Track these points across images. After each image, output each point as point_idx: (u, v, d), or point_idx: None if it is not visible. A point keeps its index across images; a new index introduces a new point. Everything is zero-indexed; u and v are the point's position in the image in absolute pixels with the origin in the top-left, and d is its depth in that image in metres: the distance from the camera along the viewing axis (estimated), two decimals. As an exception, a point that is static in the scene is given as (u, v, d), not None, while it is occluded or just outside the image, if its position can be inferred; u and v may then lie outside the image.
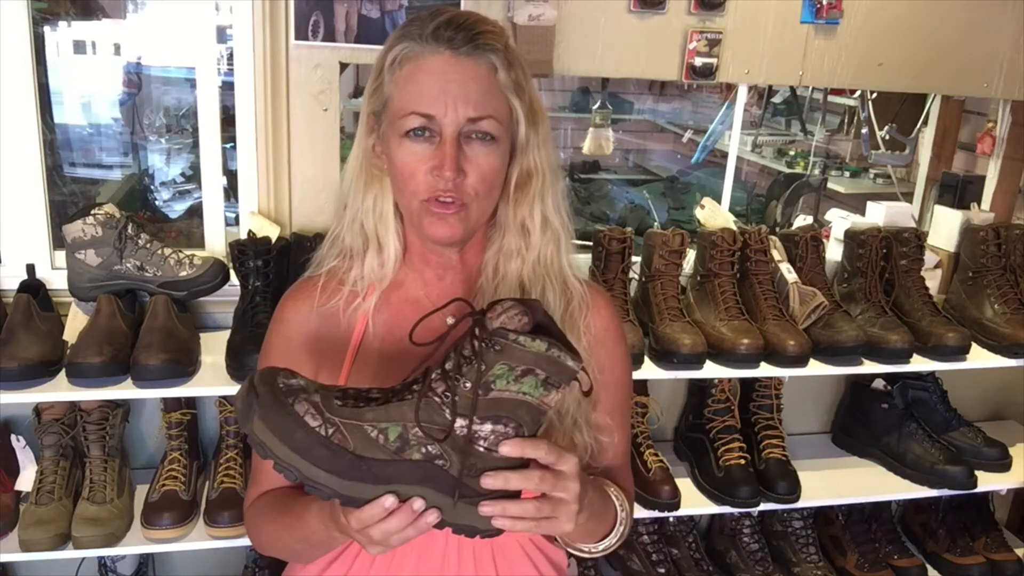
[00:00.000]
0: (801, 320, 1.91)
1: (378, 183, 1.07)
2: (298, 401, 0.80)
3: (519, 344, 0.80)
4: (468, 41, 0.97)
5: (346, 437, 0.80)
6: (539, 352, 0.81)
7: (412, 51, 0.98)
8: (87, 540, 1.66)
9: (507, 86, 1.00)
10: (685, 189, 4.39)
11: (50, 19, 2.49)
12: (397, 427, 0.81)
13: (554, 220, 1.09)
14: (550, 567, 1.17)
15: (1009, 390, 2.48)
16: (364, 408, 0.82)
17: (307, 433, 0.79)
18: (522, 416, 0.83)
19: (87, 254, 1.74)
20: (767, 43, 1.99)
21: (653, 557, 2.12)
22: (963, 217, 2.21)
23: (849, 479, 2.15)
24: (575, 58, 1.92)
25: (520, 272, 1.08)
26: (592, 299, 1.14)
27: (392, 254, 1.09)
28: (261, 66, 1.80)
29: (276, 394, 0.80)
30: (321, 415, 0.80)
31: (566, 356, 0.82)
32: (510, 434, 0.83)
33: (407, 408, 0.82)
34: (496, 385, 0.81)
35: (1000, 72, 2.15)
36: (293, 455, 0.79)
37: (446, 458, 0.82)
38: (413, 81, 0.98)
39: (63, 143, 2.98)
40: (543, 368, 0.82)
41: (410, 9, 1.79)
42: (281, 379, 0.82)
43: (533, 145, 1.05)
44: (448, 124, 0.97)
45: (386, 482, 0.81)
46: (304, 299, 1.12)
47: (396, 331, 1.09)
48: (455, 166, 0.97)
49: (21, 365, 1.58)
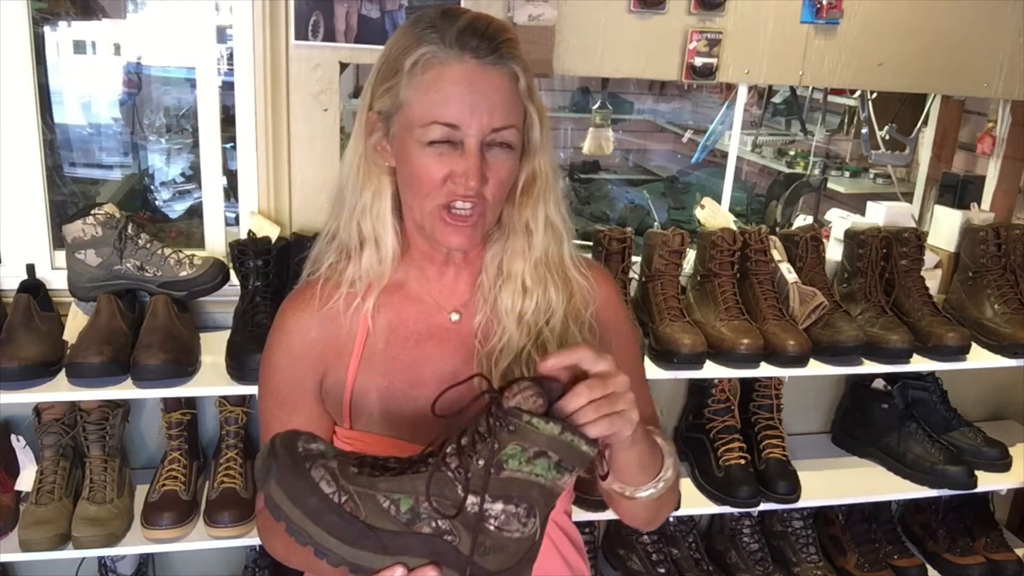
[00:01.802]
0: (801, 320, 1.91)
1: (376, 181, 1.06)
2: (315, 467, 0.81)
3: (532, 426, 0.81)
4: (493, 51, 0.96)
5: (358, 506, 0.80)
6: (552, 435, 0.82)
7: (436, 57, 0.97)
8: (87, 540, 1.66)
9: (524, 93, 1.00)
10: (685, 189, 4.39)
11: (50, 19, 2.49)
12: (409, 499, 0.81)
13: (556, 219, 1.09)
14: (570, 546, 1.18)
15: (1009, 390, 2.48)
16: (379, 478, 0.82)
17: (320, 499, 0.80)
18: (534, 497, 0.83)
19: (87, 254, 1.74)
20: (767, 43, 1.99)
21: (653, 557, 2.12)
22: (963, 217, 2.21)
23: (849, 479, 2.15)
24: (575, 58, 1.92)
25: (523, 272, 1.08)
26: (595, 278, 1.14)
27: (390, 251, 1.08)
28: (261, 66, 1.80)
29: (294, 457, 0.81)
30: (336, 482, 0.81)
31: (580, 441, 0.83)
32: (520, 514, 0.83)
33: (420, 481, 0.82)
34: (508, 465, 0.82)
35: (1000, 72, 2.15)
36: (306, 519, 0.80)
37: (455, 534, 0.82)
38: (436, 89, 0.96)
39: (63, 143, 2.98)
40: (556, 451, 0.82)
41: (410, 9, 1.79)
42: (301, 443, 0.83)
43: (541, 148, 1.06)
44: (472, 134, 0.97)
45: (395, 553, 0.81)
46: (304, 306, 1.11)
47: (400, 330, 1.09)
48: (479, 176, 0.97)
49: (21, 365, 1.58)
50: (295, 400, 1.10)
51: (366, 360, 1.08)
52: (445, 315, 1.10)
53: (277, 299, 1.77)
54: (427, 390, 1.06)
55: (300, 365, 1.10)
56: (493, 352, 1.06)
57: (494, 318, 1.08)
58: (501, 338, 1.07)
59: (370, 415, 1.06)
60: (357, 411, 1.07)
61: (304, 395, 1.10)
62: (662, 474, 1.01)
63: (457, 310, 1.10)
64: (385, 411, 1.06)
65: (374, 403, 1.06)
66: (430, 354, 1.08)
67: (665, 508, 1.10)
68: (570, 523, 1.21)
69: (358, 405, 1.07)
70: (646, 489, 1.00)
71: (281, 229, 1.87)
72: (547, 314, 1.08)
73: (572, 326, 1.09)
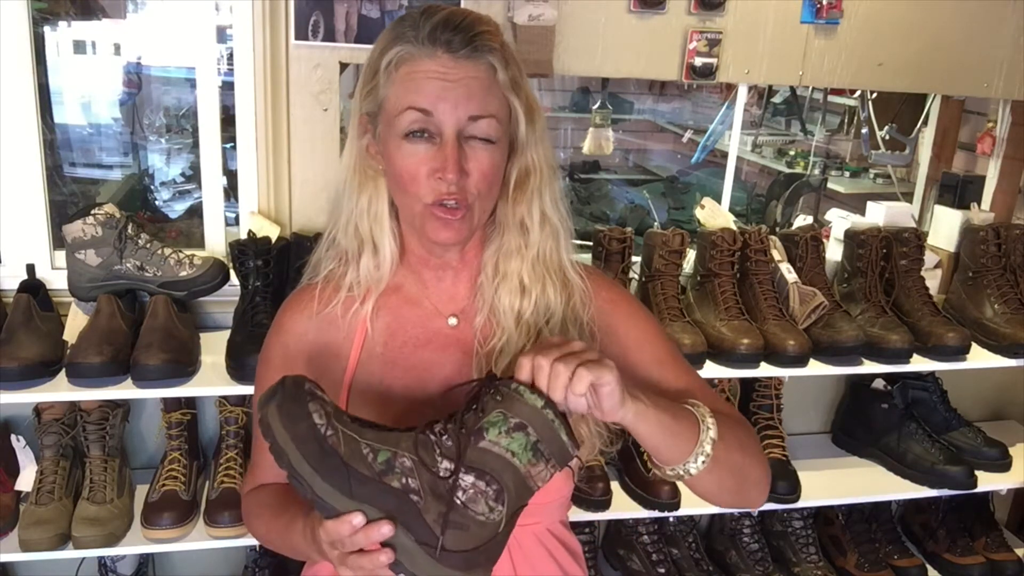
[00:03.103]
0: (801, 320, 1.91)
1: (372, 184, 1.06)
2: (314, 401, 0.85)
3: (518, 393, 0.84)
4: (466, 44, 0.96)
5: (340, 442, 0.84)
6: (535, 407, 0.84)
7: (408, 53, 0.96)
8: (87, 540, 1.66)
9: (505, 85, 0.99)
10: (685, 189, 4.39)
11: (50, 19, 2.49)
12: (388, 452, 0.85)
13: (552, 216, 1.08)
14: (567, 554, 1.17)
15: (1009, 390, 2.48)
16: (367, 429, 0.86)
17: (309, 427, 0.83)
18: (506, 480, 0.84)
19: (87, 254, 1.74)
20: (767, 43, 1.99)
21: (653, 557, 2.12)
22: (963, 217, 2.21)
23: (849, 479, 2.15)
24: (575, 58, 1.92)
25: (520, 270, 1.07)
26: (591, 282, 1.12)
27: (388, 255, 1.08)
28: (261, 66, 1.80)
29: (299, 390, 0.85)
30: (327, 419, 0.84)
31: (560, 426, 0.84)
32: (490, 495, 0.84)
33: (404, 440, 0.86)
34: (488, 434, 0.84)
35: (1000, 72, 2.15)
36: (290, 442, 0.83)
37: (422, 497, 0.84)
38: (408, 80, 0.96)
39: (63, 143, 2.98)
40: (536, 428, 0.84)
41: (410, 9, 1.79)
42: (309, 384, 0.87)
43: (531, 142, 1.04)
44: (448, 124, 0.96)
45: (360, 500, 0.83)
46: (302, 308, 1.11)
47: (398, 334, 1.09)
48: (457, 168, 0.96)
49: (21, 365, 1.58)
50: None
51: (363, 363, 1.08)
52: (443, 320, 1.10)
53: (277, 299, 1.77)
54: (424, 394, 1.07)
55: (296, 365, 1.10)
56: (492, 352, 1.06)
57: (493, 319, 1.08)
58: (500, 338, 1.06)
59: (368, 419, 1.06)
60: (354, 414, 1.07)
61: None
62: (702, 436, 0.95)
63: (455, 315, 1.10)
64: (382, 416, 1.05)
65: (372, 407, 1.06)
66: (427, 358, 1.08)
67: (741, 472, 1.02)
68: (566, 531, 1.20)
69: (354, 408, 1.07)
70: (691, 462, 0.95)
71: (281, 229, 1.87)
72: (546, 314, 1.08)
73: (571, 327, 1.08)
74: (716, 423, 0.97)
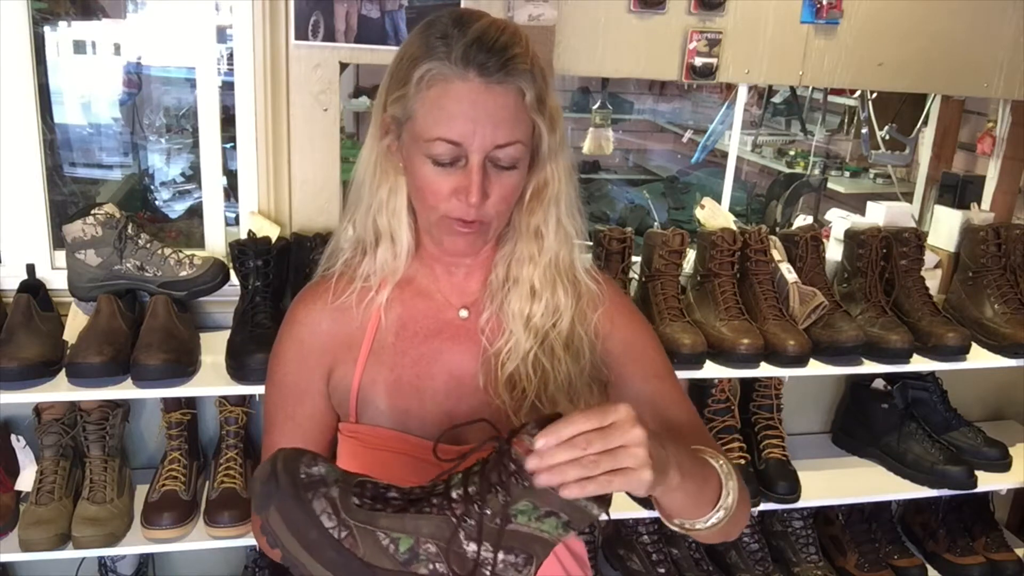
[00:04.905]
0: (801, 320, 1.91)
1: (392, 178, 1.07)
2: (317, 497, 0.80)
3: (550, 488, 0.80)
4: (500, 68, 0.95)
5: (357, 542, 0.79)
6: (567, 499, 0.80)
7: (441, 74, 0.95)
8: (87, 540, 1.66)
9: (532, 107, 0.99)
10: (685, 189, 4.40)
11: (50, 19, 2.49)
12: (409, 539, 0.81)
13: (567, 223, 1.09)
14: (572, 559, 1.17)
15: (1009, 390, 2.48)
16: (381, 513, 0.81)
17: (321, 533, 0.79)
18: (535, 550, 0.83)
19: (87, 254, 1.74)
20: (767, 43, 1.99)
21: (653, 557, 2.12)
22: (963, 217, 2.21)
23: (849, 479, 2.15)
24: (575, 58, 1.92)
25: (532, 276, 1.08)
26: (606, 287, 1.14)
27: (405, 247, 1.09)
28: (261, 66, 1.80)
29: (296, 486, 0.80)
30: (337, 516, 0.80)
31: (592, 505, 0.82)
32: (519, 564, 0.83)
33: (423, 522, 0.81)
34: (517, 520, 0.81)
35: (1000, 72, 2.15)
36: (302, 552, 0.79)
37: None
38: (439, 106, 0.96)
39: (63, 143, 2.98)
40: (567, 513, 0.82)
41: (410, 9, 1.79)
42: (303, 468, 0.81)
43: (552, 153, 1.05)
44: (475, 151, 0.96)
45: None
46: (316, 299, 1.13)
47: (410, 325, 1.10)
48: (481, 193, 0.97)
49: (21, 365, 1.58)
50: (301, 392, 1.11)
51: (375, 353, 1.09)
52: (455, 311, 1.11)
53: (277, 299, 1.77)
54: (434, 384, 1.08)
55: (309, 357, 1.11)
56: (500, 353, 1.07)
57: (501, 318, 1.09)
58: (508, 341, 1.07)
59: (376, 408, 1.08)
60: (364, 404, 1.08)
61: (311, 387, 1.11)
62: (721, 502, 0.96)
63: (466, 307, 1.12)
64: (392, 404, 1.07)
65: (381, 395, 1.08)
66: (439, 349, 1.09)
67: (739, 523, 1.03)
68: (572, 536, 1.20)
69: (365, 397, 1.08)
70: (706, 520, 0.96)
71: (281, 229, 1.87)
72: (555, 317, 1.09)
73: (579, 328, 1.10)
74: (736, 485, 0.97)
